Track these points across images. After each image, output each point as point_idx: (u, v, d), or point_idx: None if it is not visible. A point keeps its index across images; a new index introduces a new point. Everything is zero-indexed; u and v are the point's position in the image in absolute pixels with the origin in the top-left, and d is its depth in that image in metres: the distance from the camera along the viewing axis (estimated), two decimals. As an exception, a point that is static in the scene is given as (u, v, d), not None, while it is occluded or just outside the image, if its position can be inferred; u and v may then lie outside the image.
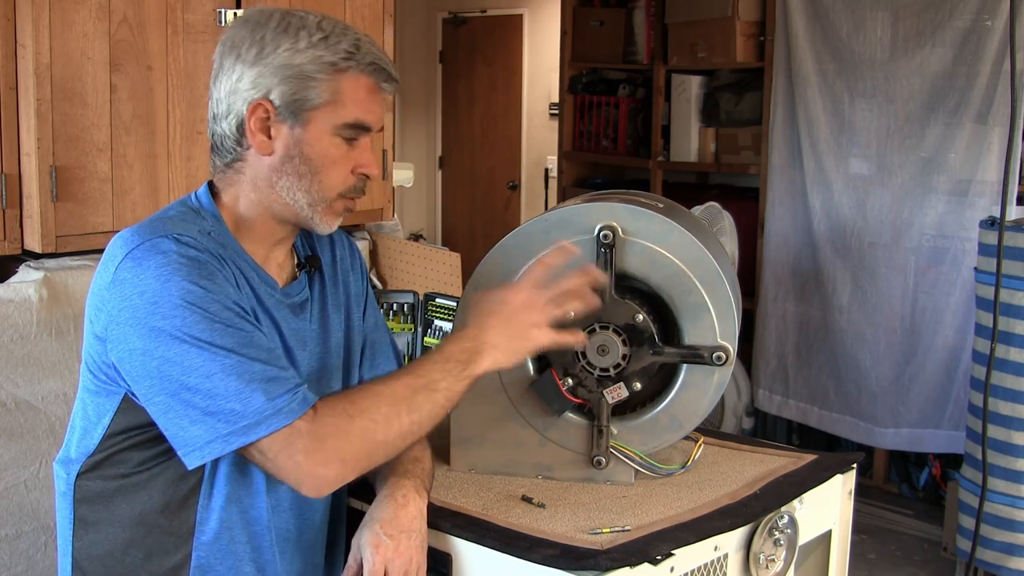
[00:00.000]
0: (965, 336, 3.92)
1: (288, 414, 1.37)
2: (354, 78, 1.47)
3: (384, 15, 2.84)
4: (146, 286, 1.37)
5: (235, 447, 1.37)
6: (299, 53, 1.44)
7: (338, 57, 1.45)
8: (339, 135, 1.48)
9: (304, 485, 1.39)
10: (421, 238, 6.74)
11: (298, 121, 1.46)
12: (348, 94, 1.46)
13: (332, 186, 1.49)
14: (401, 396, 1.44)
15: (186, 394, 1.36)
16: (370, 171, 1.51)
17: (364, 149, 1.51)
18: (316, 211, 1.50)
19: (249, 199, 1.51)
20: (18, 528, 2.24)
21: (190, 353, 1.35)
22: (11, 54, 2.21)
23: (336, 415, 1.40)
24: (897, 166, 4.11)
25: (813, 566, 1.88)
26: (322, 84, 1.45)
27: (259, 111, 1.46)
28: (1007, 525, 3.24)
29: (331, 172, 1.48)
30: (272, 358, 1.40)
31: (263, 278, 1.52)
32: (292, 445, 1.37)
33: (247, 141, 1.48)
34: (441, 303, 2.20)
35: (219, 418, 1.35)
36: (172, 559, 1.47)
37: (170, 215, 1.49)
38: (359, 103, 1.47)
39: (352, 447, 1.40)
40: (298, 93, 1.45)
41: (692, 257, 1.67)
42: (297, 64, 1.44)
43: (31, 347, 2.24)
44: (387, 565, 1.46)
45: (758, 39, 4.62)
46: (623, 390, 1.71)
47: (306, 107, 1.45)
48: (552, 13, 6.36)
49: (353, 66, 1.46)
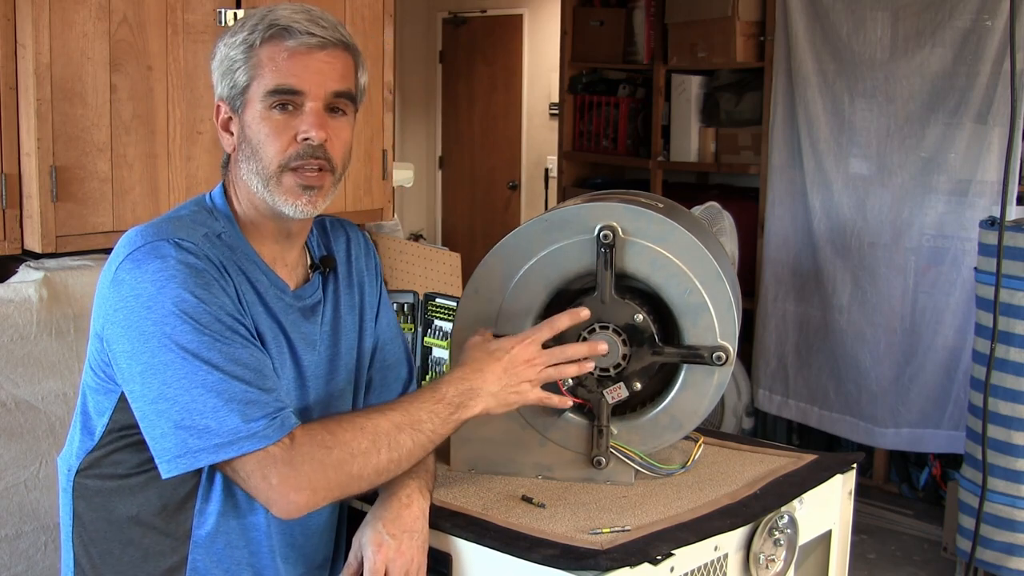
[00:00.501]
0: (965, 336, 3.92)
1: (262, 439, 1.37)
2: (269, 47, 1.46)
3: (384, 15, 2.84)
4: (142, 289, 1.38)
5: (203, 464, 1.37)
6: (228, 46, 1.48)
7: (246, 33, 1.46)
8: (271, 106, 1.46)
9: (275, 507, 1.40)
10: (421, 238, 6.75)
11: (240, 109, 1.48)
12: (266, 63, 1.46)
13: (271, 158, 1.46)
14: (384, 432, 1.44)
15: (163, 403, 1.36)
16: (308, 133, 1.45)
17: (304, 114, 1.46)
18: (270, 191, 1.47)
19: (240, 197, 1.53)
20: (18, 528, 2.24)
21: (174, 363, 1.36)
22: (11, 54, 2.21)
23: (314, 445, 1.40)
24: (897, 166, 4.11)
25: (813, 566, 1.88)
26: (244, 64, 1.46)
27: (220, 112, 1.51)
28: (1007, 525, 3.24)
29: (269, 146, 1.46)
30: (257, 377, 1.40)
31: (273, 281, 1.52)
32: (266, 468, 1.37)
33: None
34: (441, 303, 2.20)
35: (191, 433, 1.36)
36: (168, 561, 1.48)
37: (181, 215, 1.49)
38: (279, 69, 1.45)
39: (326, 478, 1.40)
40: (231, 81, 1.48)
41: (692, 257, 1.67)
42: (227, 56, 1.48)
43: (31, 347, 2.24)
44: (388, 565, 1.47)
45: (758, 39, 4.62)
46: (623, 390, 1.71)
47: (238, 91, 1.47)
48: (552, 13, 6.36)
49: (258, 36, 1.46)
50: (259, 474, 1.38)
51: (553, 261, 1.70)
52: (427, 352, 2.21)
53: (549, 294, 1.72)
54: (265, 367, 1.43)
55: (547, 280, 1.71)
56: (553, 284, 1.71)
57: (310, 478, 1.39)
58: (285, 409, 1.41)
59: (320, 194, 1.48)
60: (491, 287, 1.72)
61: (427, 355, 2.21)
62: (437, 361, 2.19)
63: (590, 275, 1.69)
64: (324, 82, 1.46)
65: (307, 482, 1.39)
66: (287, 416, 1.41)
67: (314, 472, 1.39)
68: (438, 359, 2.19)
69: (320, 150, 1.46)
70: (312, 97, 1.45)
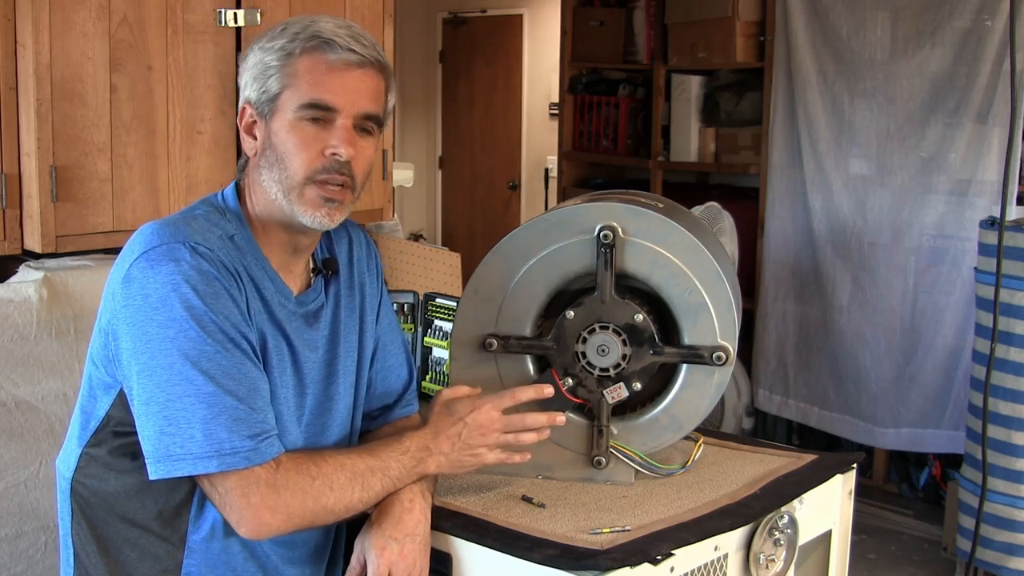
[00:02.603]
0: (965, 336, 3.92)
1: (243, 459, 1.38)
2: (308, 59, 1.46)
3: (384, 15, 2.84)
4: (152, 290, 1.38)
5: (183, 473, 1.38)
6: (264, 51, 1.47)
7: (285, 41, 1.46)
8: (303, 118, 1.46)
9: (245, 526, 1.41)
10: (421, 238, 6.74)
11: (268, 114, 1.47)
12: (303, 76, 1.45)
13: (297, 170, 1.46)
14: (360, 472, 1.48)
15: (153, 406, 1.37)
16: (337, 149, 1.46)
17: (334, 129, 1.46)
18: (291, 201, 1.47)
19: (257, 201, 1.52)
20: (18, 528, 2.24)
21: (171, 368, 1.36)
22: (11, 54, 2.21)
23: (299, 473, 1.42)
24: (897, 166, 4.11)
25: (813, 566, 1.88)
26: (279, 71, 1.46)
27: (245, 115, 1.50)
28: (1007, 525, 3.24)
29: (296, 156, 1.46)
30: (250, 395, 1.40)
31: (278, 288, 1.52)
32: (248, 487, 1.39)
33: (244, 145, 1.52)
34: (441, 303, 2.20)
35: (174, 440, 1.36)
36: (165, 563, 1.48)
37: (196, 215, 1.49)
38: (315, 83, 1.45)
39: (303, 506, 1.42)
40: (263, 87, 1.47)
41: (692, 257, 1.67)
42: (263, 61, 1.47)
43: (31, 347, 2.24)
44: (391, 568, 1.47)
45: (758, 39, 4.62)
46: (623, 390, 1.71)
47: (270, 97, 1.47)
48: (552, 13, 6.36)
49: (299, 46, 1.45)
50: (238, 491, 1.39)
51: (553, 261, 1.70)
52: (427, 352, 2.21)
53: (549, 294, 1.72)
54: (260, 386, 1.43)
55: (547, 280, 1.71)
56: (553, 284, 1.71)
57: (288, 503, 1.41)
58: (272, 434, 1.42)
59: (339, 208, 1.49)
60: (491, 287, 1.73)
61: (427, 355, 2.21)
62: (437, 361, 2.19)
63: (590, 275, 1.69)
64: (357, 101, 1.47)
65: (284, 507, 1.40)
66: (273, 441, 1.42)
67: (294, 498, 1.41)
68: (438, 359, 2.19)
69: (346, 166, 1.47)
70: (345, 115, 1.46)
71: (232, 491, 1.39)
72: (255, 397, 1.41)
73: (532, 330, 1.74)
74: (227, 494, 1.40)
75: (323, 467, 1.45)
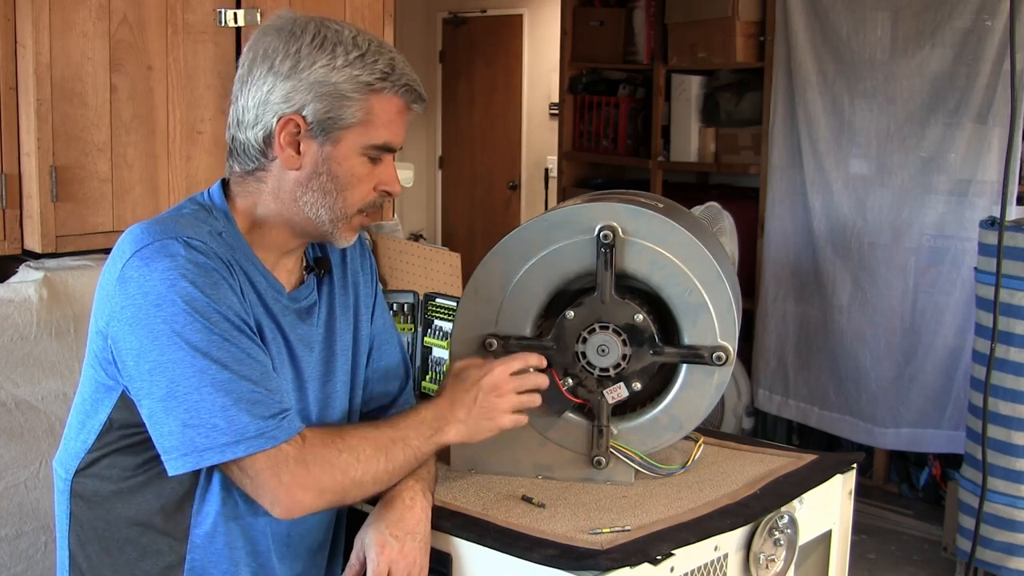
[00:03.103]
0: (965, 336, 3.92)
1: (269, 439, 1.38)
2: (387, 99, 1.47)
3: (384, 15, 2.84)
4: (151, 287, 1.37)
5: (210, 463, 1.38)
6: (336, 71, 1.43)
7: (374, 77, 1.45)
8: (366, 155, 1.48)
9: (279, 506, 1.41)
10: (421, 238, 6.74)
11: (328, 139, 1.45)
12: (380, 115, 1.47)
13: (354, 203, 1.50)
14: (383, 443, 1.49)
15: (171, 402, 1.37)
16: (392, 188, 1.52)
17: (388, 167, 1.51)
18: (336, 226, 1.50)
19: (268, 208, 1.50)
20: (18, 528, 2.24)
21: (183, 361, 1.36)
22: (11, 54, 2.21)
23: (326, 446, 1.43)
24: (897, 166, 4.11)
25: (813, 566, 1.88)
26: (356, 104, 1.45)
27: (290, 126, 1.45)
28: (1007, 525, 3.24)
29: (355, 190, 1.49)
30: (263, 378, 1.40)
31: (270, 283, 1.52)
32: (279, 466, 1.39)
33: (273, 153, 1.47)
34: (441, 303, 2.20)
35: (198, 432, 1.36)
36: (167, 559, 1.48)
37: (183, 213, 1.49)
38: (389, 124, 1.48)
39: (334, 479, 1.43)
40: (332, 111, 1.44)
41: (692, 257, 1.67)
42: (333, 82, 1.43)
43: (31, 347, 2.24)
44: (391, 566, 1.47)
45: (758, 39, 4.62)
46: (623, 390, 1.71)
47: (338, 125, 1.45)
48: (552, 13, 6.36)
49: (388, 87, 1.46)
50: (270, 472, 1.39)
51: (553, 261, 1.70)
52: (427, 352, 2.21)
53: (549, 294, 1.72)
54: (268, 367, 1.44)
55: (547, 280, 1.71)
56: (553, 284, 1.71)
57: (318, 478, 1.41)
58: (290, 410, 1.43)
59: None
60: (491, 287, 1.72)
61: (427, 355, 2.21)
62: (437, 361, 2.19)
63: (590, 275, 1.69)
64: (403, 140, 1.53)
65: (315, 482, 1.41)
66: (293, 417, 1.42)
67: (323, 472, 1.42)
68: (438, 359, 2.19)
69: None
70: (395, 153, 1.52)
71: (263, 472, 1.39)
72: (268, 379, 1.42)
73: (532, 330, 1.74)
74: (258, 476, 1.39)
75: (348, 439, 1.46)
